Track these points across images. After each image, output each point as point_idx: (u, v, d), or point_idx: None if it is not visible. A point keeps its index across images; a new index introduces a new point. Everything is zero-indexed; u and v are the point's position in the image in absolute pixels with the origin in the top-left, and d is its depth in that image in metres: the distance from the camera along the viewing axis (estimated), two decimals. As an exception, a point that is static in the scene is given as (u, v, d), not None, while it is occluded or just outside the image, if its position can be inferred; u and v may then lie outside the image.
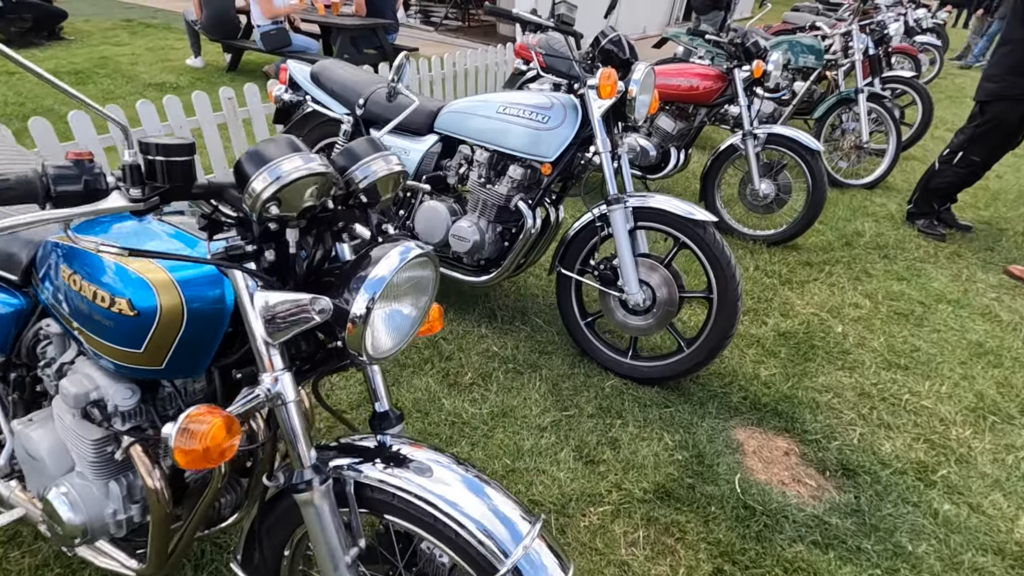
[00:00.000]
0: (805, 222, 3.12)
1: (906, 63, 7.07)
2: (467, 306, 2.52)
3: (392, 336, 0.87)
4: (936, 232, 3.52)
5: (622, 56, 1.92)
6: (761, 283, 2.90)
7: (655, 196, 1.99)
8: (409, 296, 0.89)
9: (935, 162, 3.47)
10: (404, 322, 0.89)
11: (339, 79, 2.44)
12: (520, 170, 2.08)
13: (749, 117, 3.08)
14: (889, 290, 2.92)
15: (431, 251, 0.87)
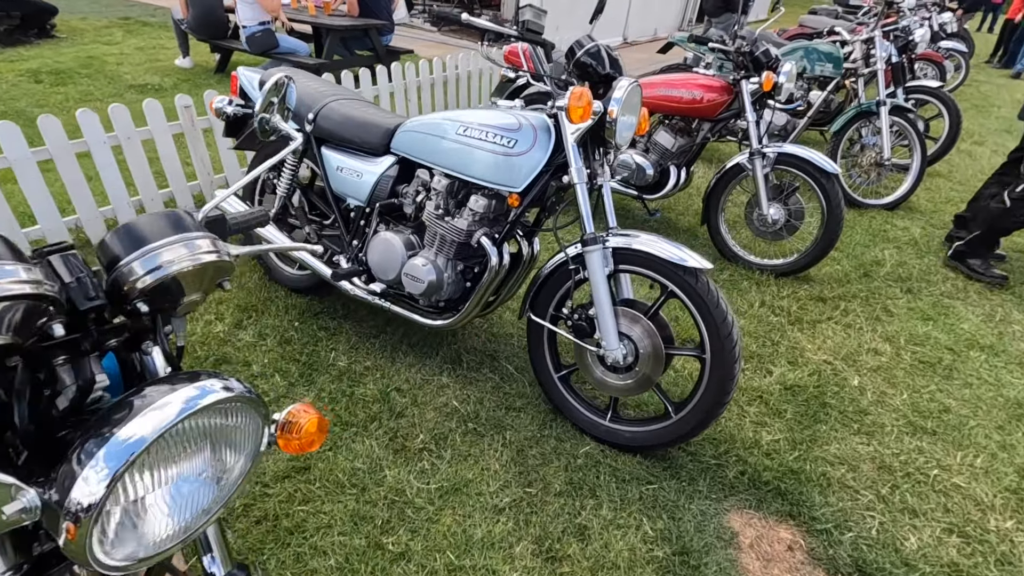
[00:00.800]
0: (818, 252, 2.79)
1: (930, 70, 6.70)
2: (429, 348, 2.23)
3: (178, 518, 0.58)
4: (993, 276, 3.03)
5: (600, 70, 1.62)
6: (767, 322, 2.57)
7: (639, 236, 1.69)
8: (202, 454, 0.59)
9: (1004, 198, 2.91)
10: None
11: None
12: (483, 201, 1.78)
13: (757, 134, 2.76)
14: (913, 333, 2.58)
15: (247, 394, 0.58)
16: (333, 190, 2.11)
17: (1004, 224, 2.91)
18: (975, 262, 3.04)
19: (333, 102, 2.09)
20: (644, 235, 1.69)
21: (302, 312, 2.36)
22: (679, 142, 2.99)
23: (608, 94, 1.61)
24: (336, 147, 2.09)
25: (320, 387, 1.99)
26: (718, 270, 2.98)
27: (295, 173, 2.22)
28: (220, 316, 2.30)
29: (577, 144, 1.65)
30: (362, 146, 2.01)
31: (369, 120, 1.99)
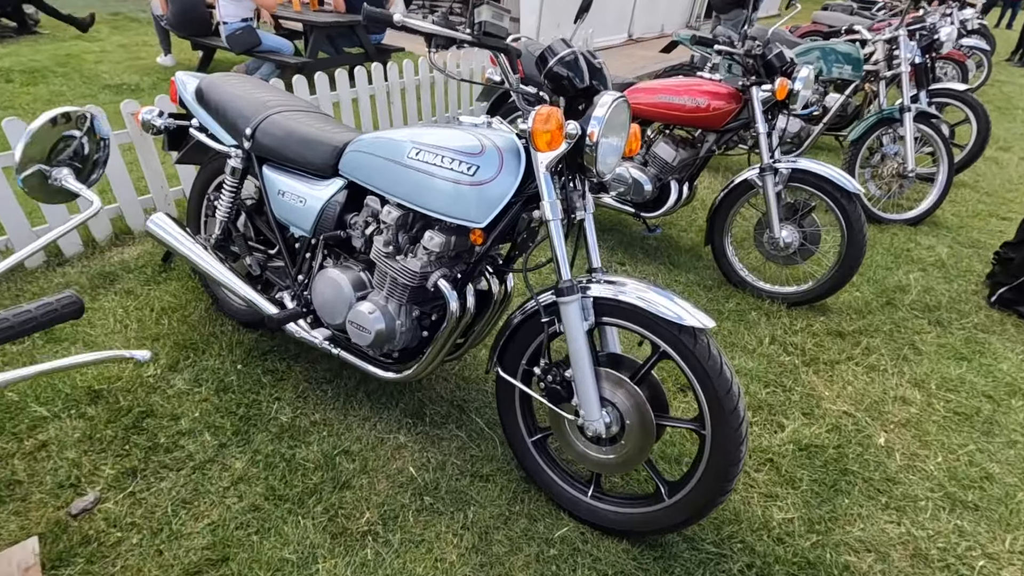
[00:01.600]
0: (836, 281, 2.47)
1: (951, 70, 6.34)
2: (389, 398, 1.94)
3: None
4: None
5: (578, 83, 1.31)
6: (778, 363, 2.27)
7: (626, 283, 1.39)
8: None
9: None
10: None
11: (226, 99, 1.87)
12: (440, 237, 1.49)
13: (769, 147, 2.45)
14: (945, 376, 2.27)
15: None
16: (276, 216, 1.82)
17: None
18: None
19: (275, 114, 1.79)
20: (632, 282, 1.39)
21: (248, 351, 2.08)
22: (681, 155, 2.68)
23: (587, 112, 1.31)
24: (278, 167, 1.80)
25: (256, 448, 1.71)
26: (723, 298, 2.67)
27: (236, 194, 1.94)
28: (154, 355, 2.03)
29: (550, 173, 1.36)
30: (306, 167, 1.72)
31: (313, 137, 1.70)
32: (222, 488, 1.58)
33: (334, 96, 3.62)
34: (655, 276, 2.82)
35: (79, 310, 0.69)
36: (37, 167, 0.76)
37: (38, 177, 0.77)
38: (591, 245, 1.54)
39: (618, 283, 1.40)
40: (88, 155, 0.80)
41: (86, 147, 0.80)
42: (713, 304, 2.62)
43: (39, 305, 0.64)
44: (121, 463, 1.62)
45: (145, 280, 2.44)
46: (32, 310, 0.63)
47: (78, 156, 0.79)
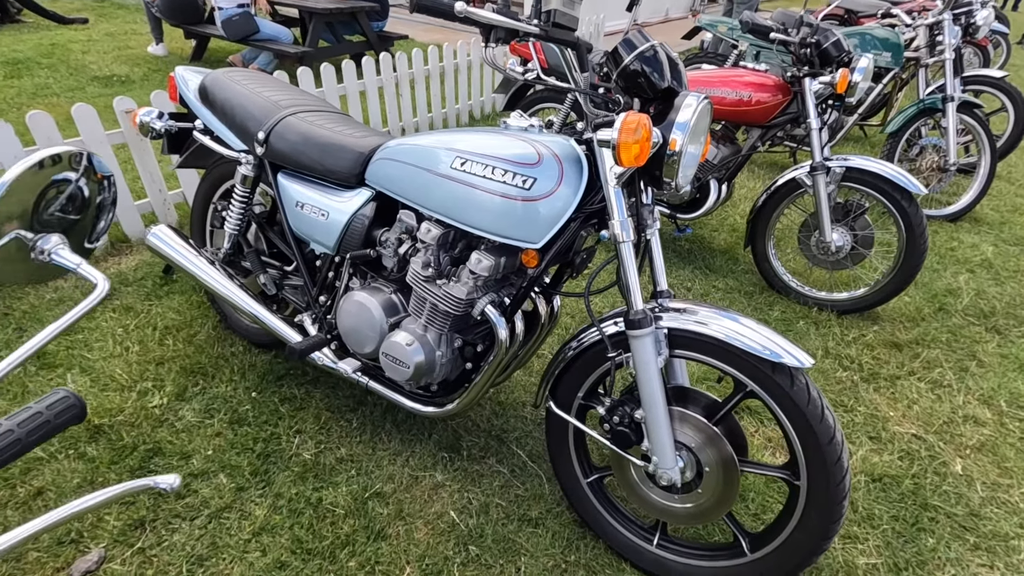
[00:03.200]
0: (894, 287, 2.30)
1: (969, 54, 6.13)
2: (420, 428, 1.76)
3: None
4: None
5: (659, 83, 1.12)
6: (836, 379, 2.10)
7: (699, 310, 1.21)
8: None
9: None
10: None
11: (235, 98, 1.67)
12: (489, 259, 1.30)
13: (820, 144, 2.26)
14: (1013, 391, 2.11)
15: None
16: (293, 231, 1.63)
17: None
18: None
19: (291, 116, 1.59)
20: (705, 309, 1.21)
21: (262, 376, 1.90)
22: (722, 152, 2.49)
23: (669, 116, 1.12)
24: (296, 176, 1.61)
25: (278, 491, 1.54)
26: (765, 305, 2.50)
27: (247, 205, 1.74)
28: (159, 382, 1.84)
29: (621, 188, 1.17)
30: (328, 176, 1.52)
31: (336, 142, 1.50)
32: (242, 540, 1.41)
33: (341, 89, 3.40)
34: (692, 281, 2.64)
35: (81, 414, 0.50)
36: (15, 233, 0.55)
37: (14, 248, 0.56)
38: (658, 265, 1.35)
39: (690, 310, 1.22)
40: (89, 201, 0.60)
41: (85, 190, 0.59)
42: (757, 312, 2.44)
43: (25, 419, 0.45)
44: (127, 513, 1.45)
45: (145, 295, 2.24)
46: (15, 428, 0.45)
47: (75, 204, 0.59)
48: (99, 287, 0.57)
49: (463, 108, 4.45)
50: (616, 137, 1.02)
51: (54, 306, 2.14)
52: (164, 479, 0.50)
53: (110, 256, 2.48)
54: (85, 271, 0.59)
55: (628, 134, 1.00)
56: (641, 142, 1.01)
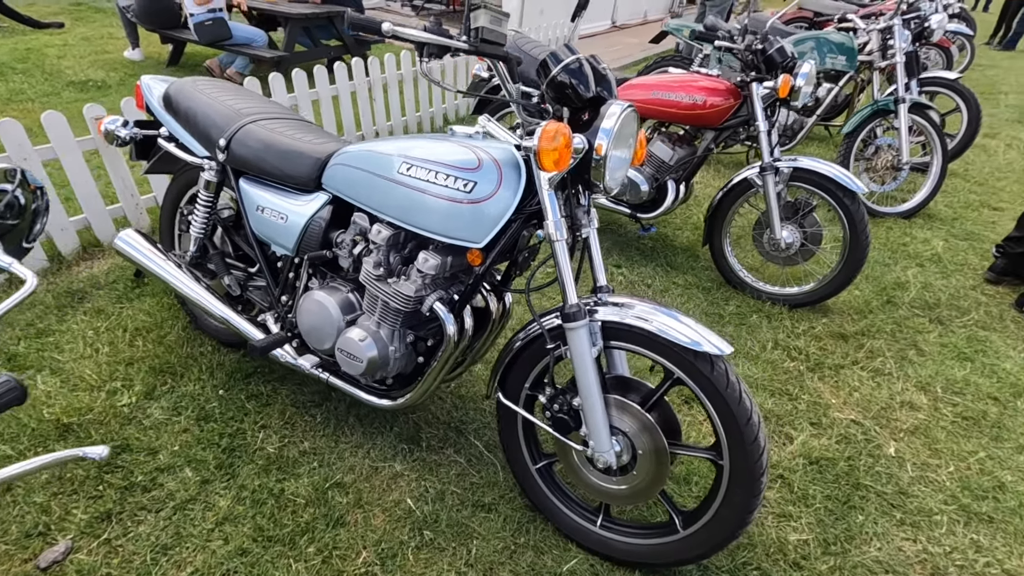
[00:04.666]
0: (840, 282, 2.42)
1: (934, 55, 6.32)
2: (382, 422, 1.84)
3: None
4: None
5: (584, 93, 1.21)
6: (783, 369, 2.21)
7: (635, 305, 1.30)
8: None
9: None
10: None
11: (197, 106, 1.73)
12: (436, 258, 1.38)
13: (770, 145, 2.37)
14: (950, 378, 2.23)
15: None
16: (256, 233, 1.70)
17: None
18: None
19: (251, 123, 1.66)
20: (641, 304, 1.30)
21: (230, 374, 1.96)
22: (678, 153, 2.59)
23: (594, 124, 1.21)
24: (257, 181, 1.68)
25: (242, 483, 1.60)
26: (722, 300, 2.60)
27: (211, 209, 1.80)
28: (128, 382, 1.89)
29: (555, 190, 1.26)
30: (287, 180, 1.59)
31: (294, 148, 1.57)
32: (206, 530, 1.48)
33: (313, 94, 3.46)
34: (652, 278, 2.74)
35: (21, 396, 0.58)
36: None
37: None
38: (596, 262, 1.44)
39: (626, 304, 1.31)
40: (25, 207, 0.67)
41: (21, 199, 0.67)
42: (713, 307, 2.55)
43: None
44: (94, 506, 1.51)
45: (116, 297, 2.29)
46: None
47: (11, 212, 0.67)
48: (28, 283, 0.64)
49: (437, 112, 4.52)
50: (536, 144, 1.10)
51: (25, 310, 2.18)
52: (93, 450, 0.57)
53: (82, 260, 2.52)
54: (16, 269, 0.67)
55: (547, 141, 1.08)
56: (560, 149, 1.10)
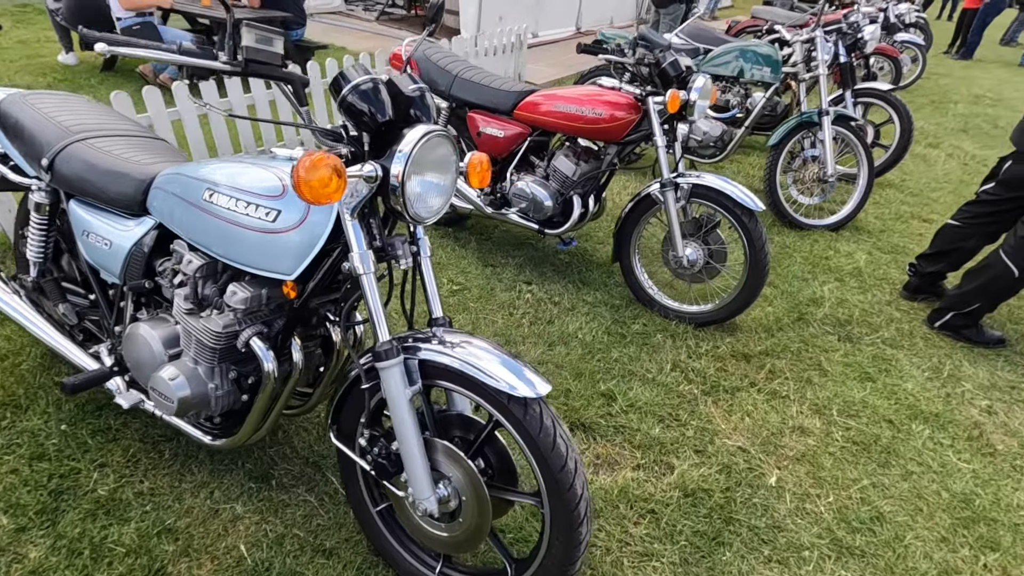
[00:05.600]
0: (741, 302, 2.36)
1: (887, 65, 6.38)
2: (231, 460, 1.73)
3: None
4: (992, 338, 2.54)
5: (379, 117, 1.11)
6: (677, 393, 2.14)
7: (469, 343, 1.20)
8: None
9: (1010, 267, 2.34)
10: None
11: (26, 122, 1.61)
12: (245, 292, 1.28)
13: (668, 162, 2.31)
14: (848, 400, 2.18)
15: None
16: (88, 260, 1.58)
17: (1010, 293, 2.43)
18: (969, 332, 2.55)
19: (78, 142, 1.55)
20: (473, 342, 1.21)
21: (81, 406, 1.84)
22: (582, 168, 2.52)
23: (392, 148, 1.12)
24: (85, 203, 1.56)
25: (61, 530, 1.48)
26: (630, 318, 2.54)
27: (45, 233, 1.68)
28: (-35, 417, 1.76)
29: (360, 219, 1.17)
30: (112, 203, 1.49)
31: (117, 169, 1.47)
32: (8, 586, 1.36)
33: (248, 99, 3.38)
34: (561, 296, 2.66)
35: None
36: None
37: None
38: (431, 292, 1.35)
39: (453, 343, 1.22)
40: None
41: None
42: (618, 326, 2.48)
43: None
44: None
45: (-23, 322, 2.15)
46: None
47: None
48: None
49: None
50: (291, 176, 1.01)
51: None
52: None
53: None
54: None
55: (304, 171, 0.99)
56: (321, 180, 1.00)
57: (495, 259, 2.91)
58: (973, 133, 5.82)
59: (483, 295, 2.62)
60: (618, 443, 1.91)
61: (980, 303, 2.48)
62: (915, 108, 6.60)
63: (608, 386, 2.13)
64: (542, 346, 2.32)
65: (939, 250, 2.75)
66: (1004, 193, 2.50)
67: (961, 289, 2.54)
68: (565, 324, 2.46)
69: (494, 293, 2.64)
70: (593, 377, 2.17)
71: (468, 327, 2.40)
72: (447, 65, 2.75)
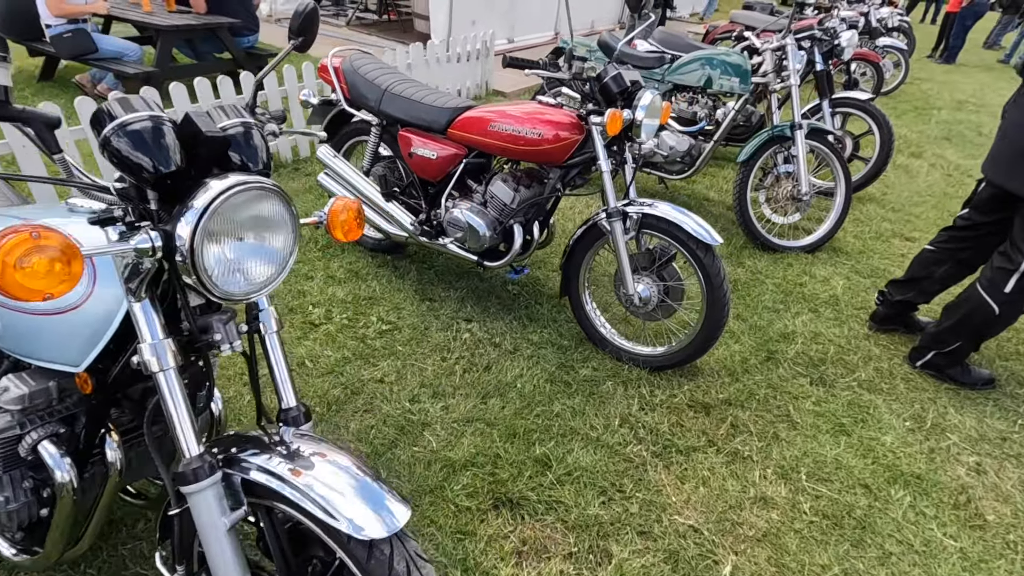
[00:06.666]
0: (699, 345, 2.09)
1: (869, 71, 6.18)
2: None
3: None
4: (981, 378, 2.29)
5: (158, 169, 0.83)
6: (623, 456, 1.86)
7: (309, 454, 0.92)
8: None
9: (988, 302, 2.09)
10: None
11: None
12: (22, 387, 0.99)
13: (614, 188, 2.04)
14: (818, 459, 1.91)
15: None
16: None
17: (992, 330, 2.20)
18: (954, 371, 2.30)
19: None
20: (331, 455, 0.93)
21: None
22: (523, 194, 2.24)
23: (186, 203, 0.83)
24: None
25: None
26: (579, 361, 2.26)
27: None
28: None
29: (152, 297, 0.88)
30: None
31: None
32: None
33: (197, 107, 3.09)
34: (504, 335, 2.38)
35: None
36: None
37: None
38: (280, 378, 1.06)
39: (298, 453, 0.94)
40: None
41: None
42: (563, 372, 2.20)
43: None
44: None
45: None
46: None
47: None
48: None
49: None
50: None
51: None
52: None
53: None
54: None
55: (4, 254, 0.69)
56: (31, 271, 0.71)
57: (435, 292, 2.62)
58: (956, 141, 5.62)
59: (415, 336, 2.33)
60: (550, 523, 1.63)
61: (960, 341, 2.23)
62: (898, 114, 6.41)
63: (544, 449, 1.85)
64: (474, 398, 2.04)
65: (911, 276, 2.51)
66: (977, 218, 2.27)
67: (939, 326, 2.29)
68: (504, 370, 2.18)
69: (428, 333, 2.36)
70: (528, 438, 1.89)
71: (392, 375, 2.12)
72: (376, 78, 2.47)
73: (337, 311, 2.42)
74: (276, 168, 3.69)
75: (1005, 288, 2.06)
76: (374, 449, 1.81)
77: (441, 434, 1.88)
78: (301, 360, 2.13)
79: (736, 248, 3.21)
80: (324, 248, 2.87)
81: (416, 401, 2.01)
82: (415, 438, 1.87)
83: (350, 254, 2.84)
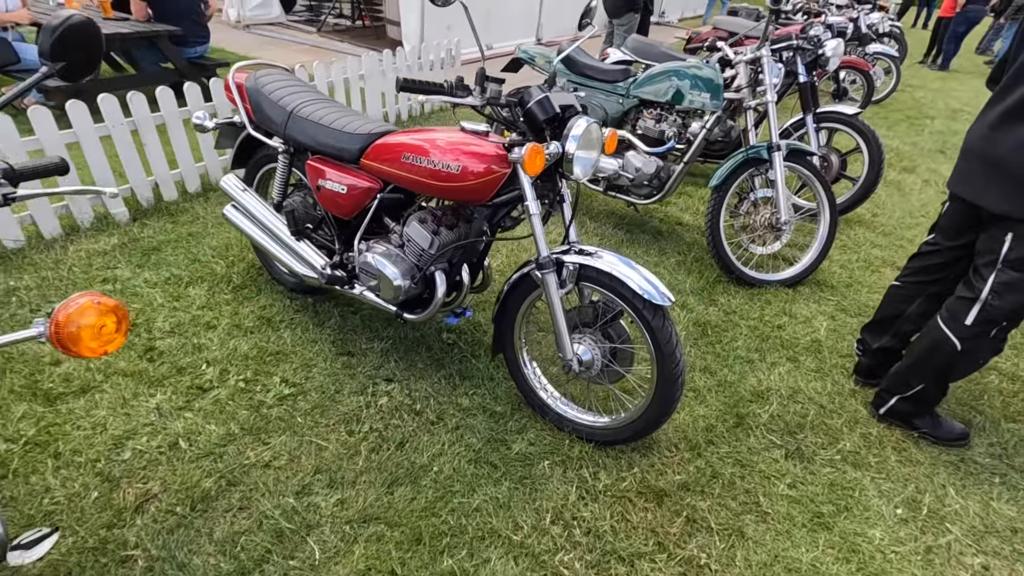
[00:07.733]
0: (650, 419, 1.75)
1: (858, 79, 5.88)
2: None
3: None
4: (952, 434, 2.00)
5: None
6: (549, 568, 1.51)
7: None
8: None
9: (952, 341, 1.81)
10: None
11: None
12: None
13: (544, 234, 1.70)
14: (792, 567, 1.56)
15: None
16: None
17: (957, 371, 1.89)
18: (922, 421, 2.00)
19: None
20: None
21: None
22: (444, 237, 1.90)
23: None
24: None
25: None
26: (515, 432, 1.91)
27: None
28: None
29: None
30: None
31: None
32: None
33: (131, 123, 2.90)
34: (429, 398, 2.03)
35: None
36: None
37: None
38: None
39: None
40: None
41: None
42: (492, 448, 1.85)
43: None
44: None
45: None
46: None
47: None
48: None
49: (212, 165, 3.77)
50: None
51: None
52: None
53: None
54: None
55: None
56: None
57: (356, 343, 2.27)
58: (951, 154, 5.31)
59: (321, 402, 1.98)
60: (447, 672, 1.28)
61: (923, 383, 1.92)
62: (889, 125, 6.10)
63: (454, 561, 1.50)
64: (379, 487, 1.69)
65: (882, 317, 2.20)
66: (943, 242, 1.96)
67: (900, 366, 1.98)
68: (421, 448, 1.83)
69: (338, 398, 2.00)
70: (436, 544, 1.54)
71: (284, 456, 1.76)
72: (282, 98, 2.12)
73: (235, 370, 2.07)
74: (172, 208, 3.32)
75: (966, 320, 1.77)
76: (238, 566, 1.45)
77: (329, 540, 1.53)
78: (175, 440, 1.77)
79: (708, 282, 2.87)
80: (237, 289, 2.51)
81: (306, 494, 1.66)
82: (294, 547, 1.51)
83: (266, 296, 2.49)
